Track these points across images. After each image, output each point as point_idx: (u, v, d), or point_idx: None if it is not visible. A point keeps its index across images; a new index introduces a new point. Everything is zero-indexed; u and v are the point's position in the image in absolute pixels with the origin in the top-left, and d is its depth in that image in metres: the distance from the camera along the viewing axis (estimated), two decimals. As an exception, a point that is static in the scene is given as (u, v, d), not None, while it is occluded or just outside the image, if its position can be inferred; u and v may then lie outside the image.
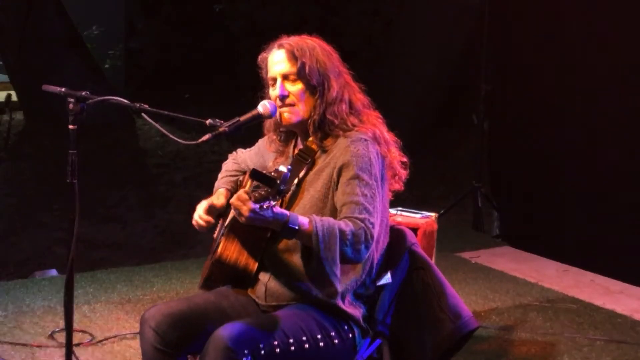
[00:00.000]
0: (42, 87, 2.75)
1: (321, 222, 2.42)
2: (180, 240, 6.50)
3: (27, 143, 8.76)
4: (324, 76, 2.66)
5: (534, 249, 5.72)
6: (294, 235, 2.43)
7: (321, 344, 2.55)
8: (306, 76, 2.64)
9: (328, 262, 2.43)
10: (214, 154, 8.45)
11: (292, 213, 2.41)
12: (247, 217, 2.33)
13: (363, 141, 2.61)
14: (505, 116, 6.16)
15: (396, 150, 2.73)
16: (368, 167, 2.57)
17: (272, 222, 2.38)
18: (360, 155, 2.57)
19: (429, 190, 7.54)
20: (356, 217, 2.48)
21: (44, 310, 4.41)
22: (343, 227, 2.44)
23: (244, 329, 2.44)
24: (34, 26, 8.74)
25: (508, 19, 6.02)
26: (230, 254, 2.67)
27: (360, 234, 2.46)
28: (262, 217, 2.33)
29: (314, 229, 2.40)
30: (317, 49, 2.68)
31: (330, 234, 2.41)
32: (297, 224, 2.40)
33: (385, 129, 2.72)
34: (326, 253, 2.41)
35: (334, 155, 2.62)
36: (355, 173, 2.55)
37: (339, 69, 2.72)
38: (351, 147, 2.59)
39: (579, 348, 4.06)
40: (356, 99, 2.72)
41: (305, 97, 2.66)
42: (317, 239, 2.40)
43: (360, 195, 2.52)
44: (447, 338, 2.71)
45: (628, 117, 5.15)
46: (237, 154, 3.06)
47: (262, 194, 2.28)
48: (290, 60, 2.66)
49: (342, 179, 2.57)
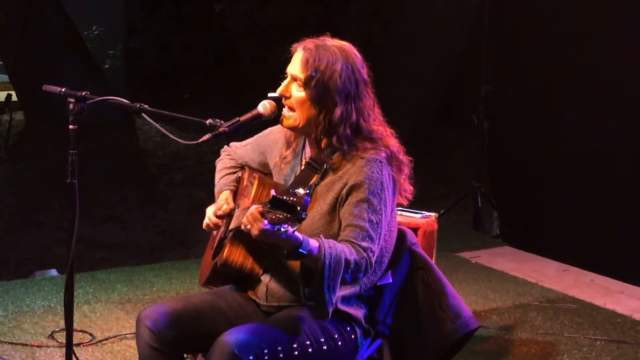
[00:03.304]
0: (42, 87, 2.75)
1: (329, 251, 2.39)
2: (180, 240, 6.50)
3: (27, 143, 8.75)
4: (330, 95, 2.56)
5: (534, 249, 5.72)
6: (300, 259, 2.39)
7: (324, 347, 2.55)
8: (311, 88, 2.57)
9: (329, 290, 2.41)
10: (214, 154, 8.40)
11: (304, 237, 2.36)
12: (257, 235, 2.31)
13: (378, 163, 2.56)
14: (505, 116, 6.16)
15: (407, 172, 2.68)
16: (379, 192, 2.53)
17: (282, 242, 2.34)
18: (374, 178, 2.53)
19: (429, 190, 7.54)
20: (359, 245, 2.47)
21: (44, 310, 4.40)
22: (348, 256, 2.42)
23: (249, 334, 2.44)
24: (34, 26, 8.72)
25: (508, 19, 6.02)
26: (236, 258, 2.67)
27: (362, 263, 2.46)
28: (274, 237, 2.30)
29: (323, 256, 2.37)
30: (339, 64, 2.56)
31: (337, 263, 2.39)
32: (308, 249, 2.36)
33: (401, 149, 2.66)
34: (329, 281, 2.40)
35: (347, 171, 2.57)
36: (366, 197, 2.52)
37: (356, 92, 2.59)
38: (366, 168, 2.54)
39: (579, 348, 4.05)
40: (367, 127, 2.61)
41: (305, 106, 2.60)
42: (324, 267, 2.38)
43: (367, 220, 2.50)
44: (448, 338, 2.71)
45: (628, 117, 5.15)
46: (231, 148, 3.02)
47: (280, 217, 2.23)
48: (304, 65, 2.58)
49: (352, 198, 2.53)
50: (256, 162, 2.91)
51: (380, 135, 2.64)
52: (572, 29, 5.44)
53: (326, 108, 2.58)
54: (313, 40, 2.62)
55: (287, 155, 2.78)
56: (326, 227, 2.57)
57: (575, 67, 5.44)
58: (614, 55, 5.20)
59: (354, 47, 2.66)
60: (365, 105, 2.62)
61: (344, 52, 2.60)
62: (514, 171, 6.06)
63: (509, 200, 6.16)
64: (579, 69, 5.41)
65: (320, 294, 2.41)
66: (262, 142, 2.90)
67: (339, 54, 2.58)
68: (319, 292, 2.41)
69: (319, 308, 2.45)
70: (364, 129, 2.61)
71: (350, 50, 2.63)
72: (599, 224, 5.34)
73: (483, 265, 5.41)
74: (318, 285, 2.40)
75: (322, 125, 2.60)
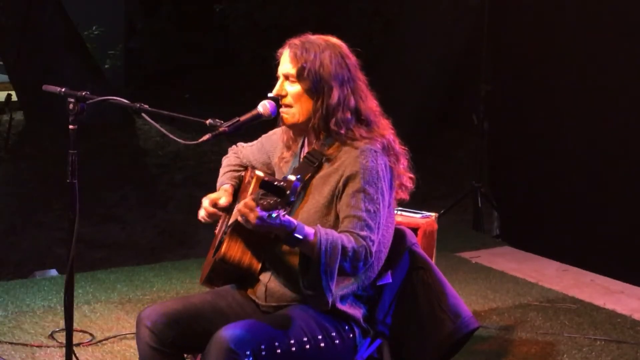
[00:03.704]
0: (42, 87, 2.75)
1: (325, 236, 2.40)
2: (180, 240, 6.50)
3: (27, 143, 8.75)
4: (324, 81, 2.60)
5: (534, 249, 5.72)
6: (297, 244, 2.41)
7: (322, 345, 2.55)
8: (305, 79, 2.61)
9: (326, 276, 2.42)
10: (214, 154, 8.44)
11: (298, 222, 2.38)
12: (254, 225, 2.31)
13: (372, 152, 2.57)
14: (505, 116, 6.16)
15: (405, 162, 2.70)
16: (375, 181, 2.54)
17: (277, 229, 2.36)
18: (369, 168, 2.54)
19: (429, 190, 7.54)
20: (358, 234, 2.48)
21: (44, 310, 4.41)
22: (346, 243, 2.43)
23: (246, 330, 2.44)
24: (34, 26, 8.73)
25: (508, 19, 6.02)
26: (234, 254, 2.67)
27: (361, 252, 2.46)
28: (269, 224, 2.31)
29: (318, 242, 2.39)
30: (327, 53, 2.62)
31: (333, 249, 2.40)
32: (303, 234, 2.38)
33: (396, 139, 2.68)
34: (326, 267, 2.40)
35: (342, 163, 2.59)
36: (362, 186, 2.53)
37: (349, 75, 2.64)
38: (360, 158, 2.56)
39: (579, 348, 4.06)
40: (365, 107, 2.66)
41: (302, 99, 2.63)
42: (320, 252, 2.39)
43: (364, 210, 2.50)
44: (447, 338, 2.71)
45: (628, 117, 5.15)
46: (238, 147, 3.04)
47: (271, 202, 2.26)
48: (293, 60, 2.63)
49: (348, 189, 2.55)
50: (260, 162, 2.93)
51: (377, 120, 2.67)
52: (572, 29, 5.44)
53: (323, 95, 2.61)
54: (296, 38, 2.68)
55: (286, 156, 2.80)
56: (322, 220, 2.57)
57: (575, 67, 5.44)
58: (614, 56, 5.20)
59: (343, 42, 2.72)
60: (361, 87, 2.68)
61: (329, 42, 2.67)
62: (514, 171, 6.06)
63: (509, 200, 6.16)
64: (579, 69, 5.42)
65: (318, 280, 2.42)
66: (267, 143, 2.93)
67: (324, 44, 2.65)
68: (317, 279, 2.42)
69: (318, 296, 2.46)
70: (363, 110, 2.65)
71: (334, 40, 2.70)
72: (599, 224, 5.34)
73: (483, 265, 5.42)
74: (315, 271, 2.41)
75: (321, 112, 2.62)
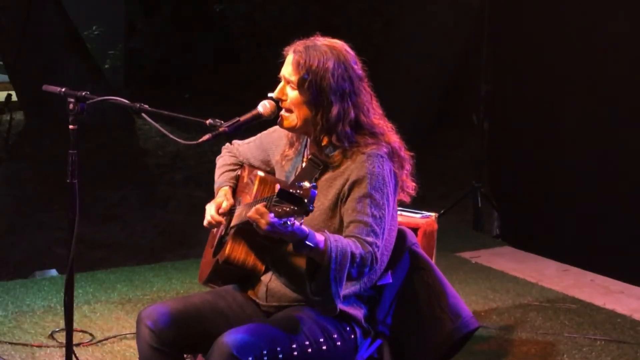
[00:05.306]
0: (42, 87, 2.75)
1: (335, 244, 2.38)
2: (180, 240, 6.50)
3: (27, 143, 8.76)
4: (324, 95, 2.56)
5: (534, 249, 5.72)
6: (306, 251, 2.38)
7: (324, 347, 2.55)
8: (305, 90, 2.58)
9: (335, 282, 2.40)
10: (214, 153, 8.40)
11: (310, 230, 2.35)
12: (265, 230, 2.29)
13: (379, 157, 2.56)
14: (505, 116, 6.16)
15: (409, 168, 2.68)
16: (381, 187, 2.53)
17: (288, 236, 2.32)
18: (375, 173, 2.53)
19: (429, 190, 7.52)
20: (365, 240, 2.47)
21: (44, 310, 4.40)
22: (354, 249, 2.42)
23: (248, 335, 2.44)
24: (34, 26, 8.73)
25: (508, 19, 6.02)
26: (238, 255, 2.67)
27: (367, 258, 2.45)
28: (280, 231, 2.28)
29: (329, 250, 2.36)
30: (330, 64, 2.56)
31: (343, 256, 2.39)
32: (314, 242, 2.35)
33: (402, 146, 2.66)
34: (336, 274, 2.39)
35: (348, 167, 2.57)
36: (368, 192, 2.51)
37: (352, 88, 2.59)
38: (367, 163, 2.54)
39: (579, 348, 4.06)
40: (368, 121, 2.61)
41: (302, 107, 2.60)
42: (330, 260, 2.37)
43: (370, 215, 2.49)
44: (448, 338, 2.71)
45: (628, 117, 5.15)
46: (233, 145, 3.02)
47: (287, 210, 2.22)
48: (295, 68, 2.58)
49: (354, 194, 2.53)
50: (258, 160, 2.91)
51: (381, 130, 2.64)
52: (572, 29, 5.43)
53: (322, 108, 2.58)
54: (303, 42, 2.63)
55: (289, 154, 2.78)
56: (326, 223, 2.56)
57: (575, 67, 5.44)
58: (614, 55, 5.20)
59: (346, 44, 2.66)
60: (363, 101, 2.62)
61: (334, 50, 2.60)
62: (514, 171, 6.06)
63: (509, 200, 6.16)
64: (579, 68, 5.41)
65: (327, 287, 2.40)
66: (266, 140, 2.90)
67: (330, 53, 2.58)
68: (326, 286, 2.40)
69: (327, 302, 2.45)
70: (365, 124, 2.61)
71: (341, 47, 2.63)
72: (599, 224, 5.33)
73: (483, 265, 5.41)
74: (325, 278, 2.39)
75: (321, 124, 2.60)
